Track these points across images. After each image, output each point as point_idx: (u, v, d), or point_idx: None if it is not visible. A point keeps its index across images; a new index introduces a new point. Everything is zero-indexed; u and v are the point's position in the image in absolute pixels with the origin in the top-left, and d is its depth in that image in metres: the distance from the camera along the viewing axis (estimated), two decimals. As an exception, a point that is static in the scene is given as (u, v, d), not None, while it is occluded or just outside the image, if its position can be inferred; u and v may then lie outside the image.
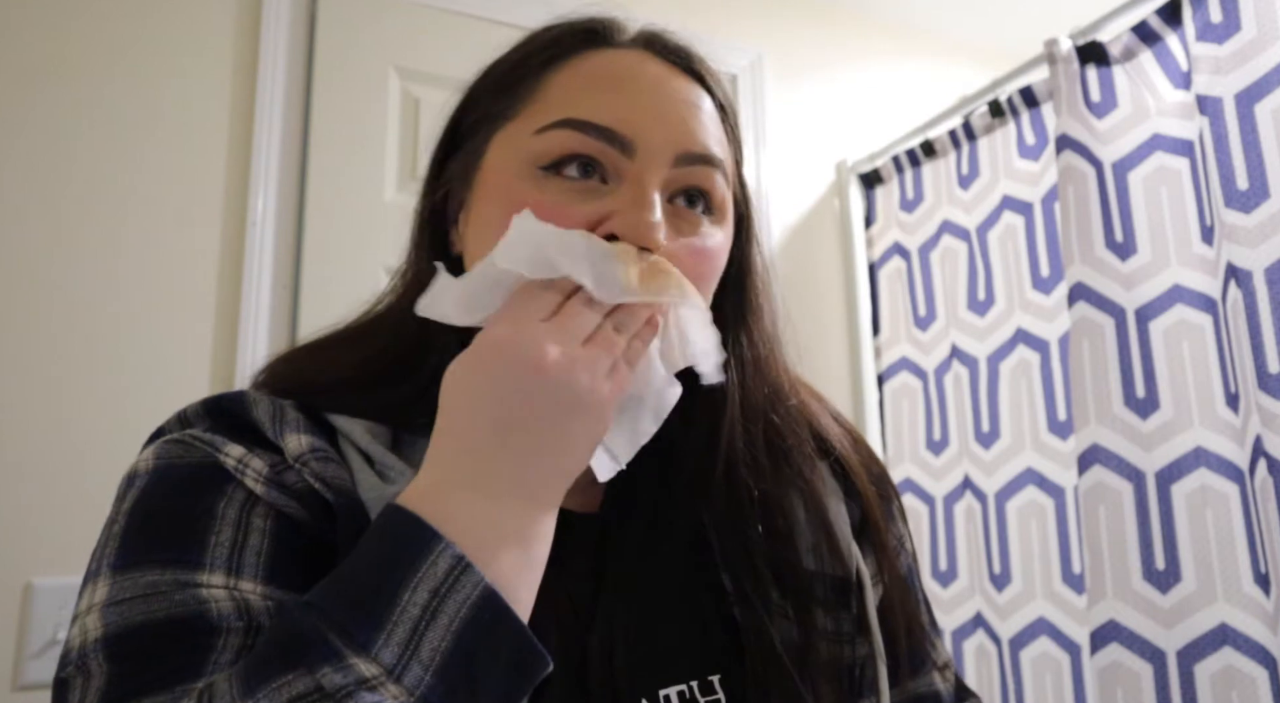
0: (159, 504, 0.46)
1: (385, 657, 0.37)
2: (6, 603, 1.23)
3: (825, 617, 0.54)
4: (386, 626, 0.38)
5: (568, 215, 0.49)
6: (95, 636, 0.41)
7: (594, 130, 0.51)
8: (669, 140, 0.52)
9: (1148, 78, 1.36)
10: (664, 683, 0.51)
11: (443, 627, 0.38)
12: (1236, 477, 1.20)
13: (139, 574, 0.43)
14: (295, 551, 0.45)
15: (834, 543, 0.56)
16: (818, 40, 2.10)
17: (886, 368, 1.89)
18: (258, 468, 0.46)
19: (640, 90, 0.53)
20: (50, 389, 1.30)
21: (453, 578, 0.39)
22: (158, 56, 1.46)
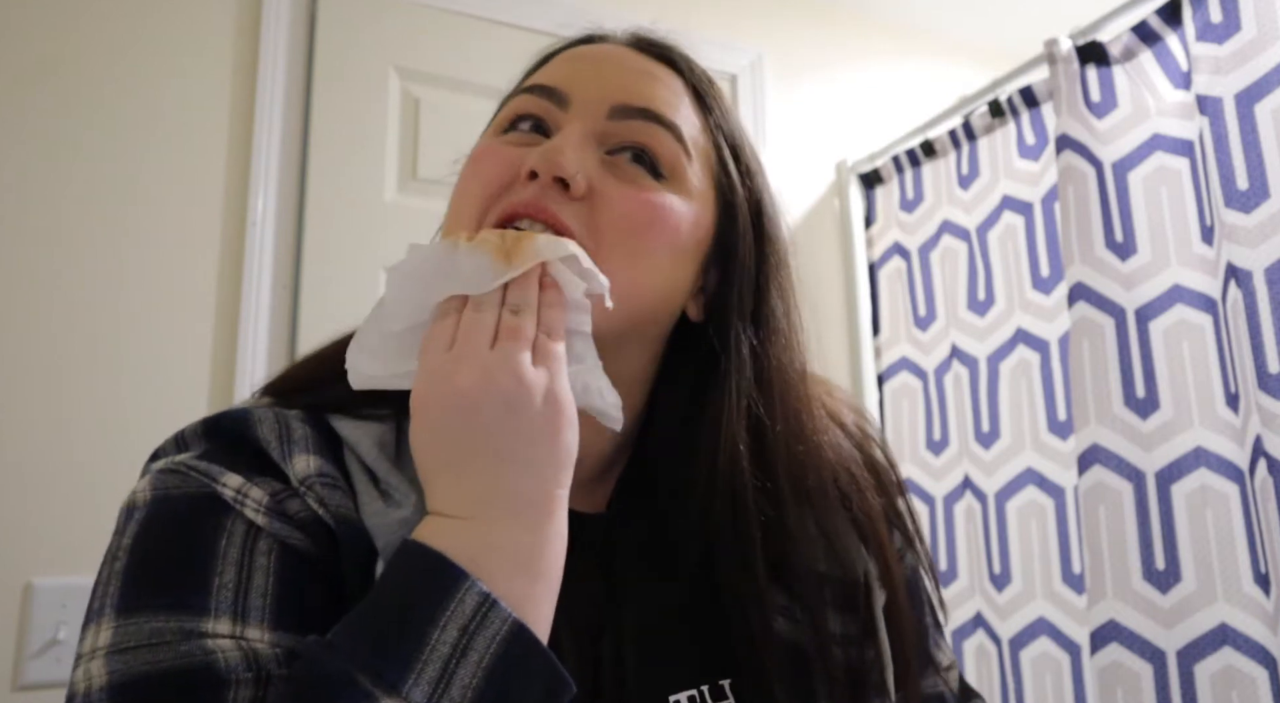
0: (158, 542, 0.44)
1: (416, 696, 0.37)
2: (6, 603, 1.23)
3: (835, 619, 0.54)
4: (416, 665, 0.37)
5: (499, 155, 0.52)
6: (100, 683, 0.40)
7: (538, 90, 0.54)
8: (603, 93, 0.53)
9: (1148, 78, 1.36)
10: (675, 688, 0.50)
11: (473, 664, 0.38)
12: (1236, 477, 1.20)
13: (143, 620, 0.41)
14: (301, 586, 0.44)
15: (841, 546, 0.55)
16: (818, 40, 2.10)
17: (886, 368, 1.89)
18: (257, 498, 0.45)
19: (591, 58, 0.56)
20: (50, 389, 1.30)
21: (480, 615, 0.39)
22: (158, 56, 1.46)
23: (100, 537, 0.49)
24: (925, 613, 0.64)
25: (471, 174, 0.53)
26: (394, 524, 0.45)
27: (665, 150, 0.53)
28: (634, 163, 0.52)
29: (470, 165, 0.54)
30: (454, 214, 0.54)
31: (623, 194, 0.51)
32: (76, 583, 1.24)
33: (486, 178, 0.52)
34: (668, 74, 0.56)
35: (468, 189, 0.53)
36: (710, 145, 0.56)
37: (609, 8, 1.84)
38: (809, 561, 0.54)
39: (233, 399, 1.38)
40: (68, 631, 1.23)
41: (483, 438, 0.42)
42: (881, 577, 0.58)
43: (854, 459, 0.61)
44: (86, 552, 1.24)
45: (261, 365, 1.41)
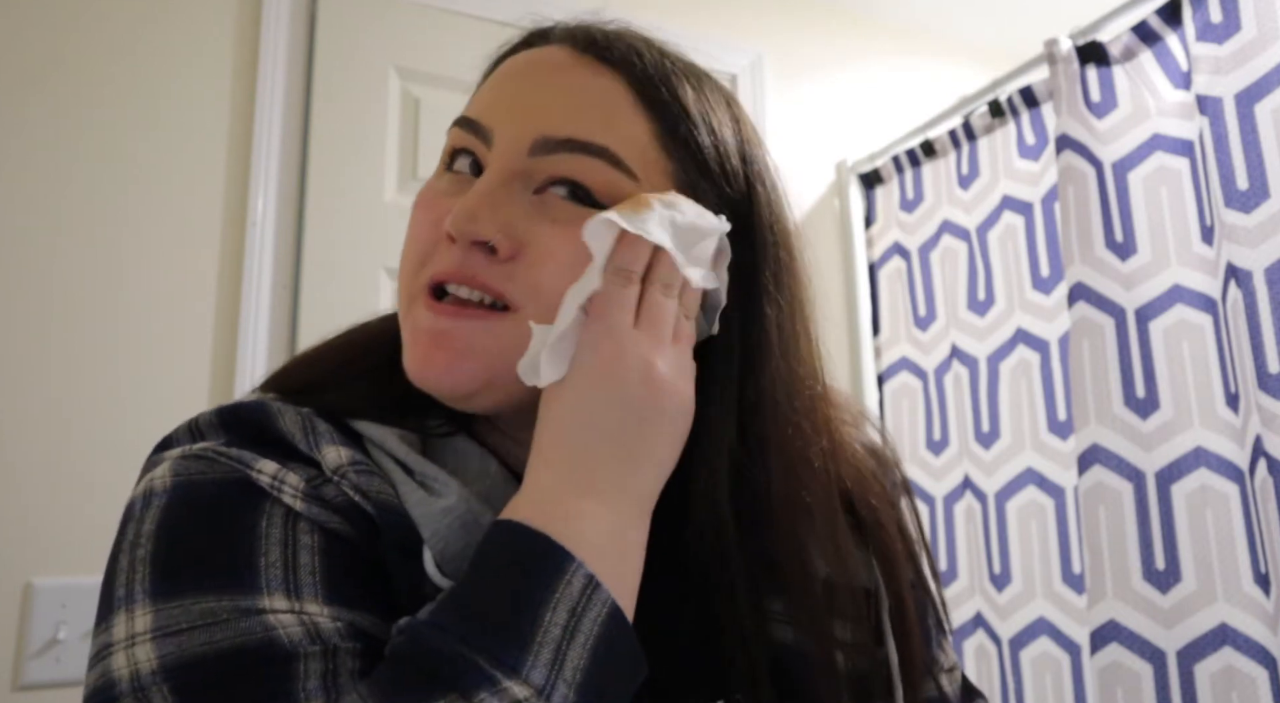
0: (190, 526, 0.42)
1: (535, 678, 0.37)
2: (6, 603, 1.23)
3: (841, 627, 0.53)
4: (533, 647, 0.38)
5: (433, 205, 0.50)
6: (150, 668, 0.38)
7: (465, 123, 0.51)
8: (523, 128, 0.48)
9: (1148, 78, 1.36)
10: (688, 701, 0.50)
11: (580, 645, 0.39)
12: (1236, 477, 1.20)
13: (189, 602, 0.39)
14: (349, 567, 0.44)
15: (845, 552, 0.54)
16: (818, 40, 2.10)
17: (886, 368, 1.89)
18: (294, 483, 0.44)
19: (518, 77, 0.51)
20: (50, 389, 1.30)
21: (586, 596, 0.40)
22: (158, 57, 1.46)
23: (100, 537, 0.48)
24: (927, 615, 0.63)
25: (411, 228, 0.51)
26: (438, 513, 0.45)
27: (597, 180, 0.47)
28: (569, 200, 0.48)
29: (414, 212, 0.51)
30: (403, 259, 0.51)
31: (558, 241, 0.47)
32: (76, 583, 1.24)
33: (419, 239, 0.50)
34: (605, 80, 0.50)
35: (406, 250, 0.51)
36: (662, 152, 0.50)
37: (609, 8, 1.84)
38: (813, 567, 0.53)
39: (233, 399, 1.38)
40: (68, 631, 1.23)
41: (648, 426, 0.45)
42: (887, 583, 0.58)
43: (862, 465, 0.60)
44: (86, 552, 1.24)
45: (261, 365, 1.41)
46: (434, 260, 0.48)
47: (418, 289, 0.49)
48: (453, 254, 0.47)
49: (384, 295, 1.50)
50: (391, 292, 1.49)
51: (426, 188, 0.52)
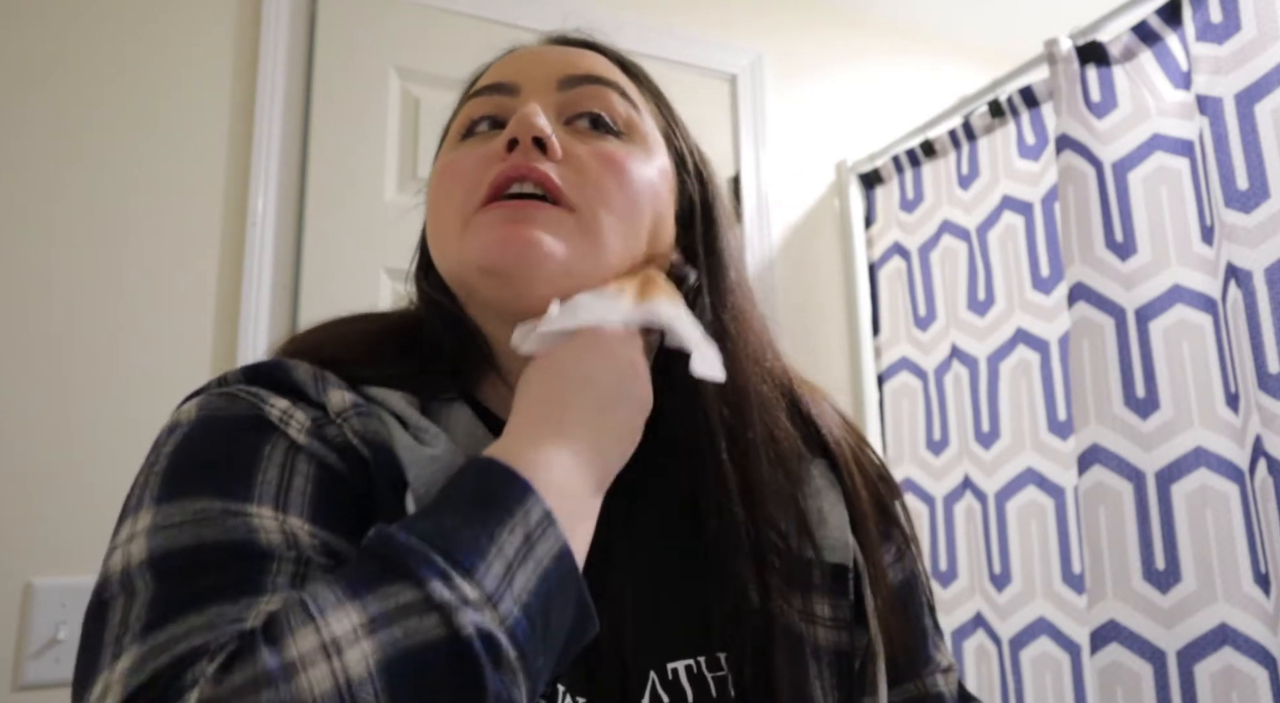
0: (203, 446, 0.46)
1: (487, 584, 0.39)
2: (6, 603, 1.23)
3: (822, 603, 0.55)
4: (488, 557, 0.40)
5: (468, 156, 0.54)
6: (140, 558, 0.41)
7: (487, 90, 0.57)
8: (549, 71, 0.57)
9: (1148, 78, 1.37)
10: (671, 658, 0.52)
11: (530, 569, 0.40)
12: (1236, 477, 1.20)
13: (187, 502, 0.43)
14: (337, 499, 0.47)
15: (829, 529, 0.56)
16: (818, 40, 2.10)
17: (886, 368, 1.89)
18: (300, 420, 0.47)
19: (526, 53, 0.60)
20: (50, 389, 1.30)
21: (542, 529, 0.42)
22: (158, 56, 1.46)
23: (100, 537, 0.49)
24: (925, 614, 0.64)
25: (449, 180, 0.55)
26: (426, 459, 0.48)
27: (618, 108, 0.57)
28: (593, 127, 0.56)
29: (441, 176, 0.56)
30: (438, 219, 0.56)
31: (593, 154, 0.54)
32: (76, 583, 1.24)
33: (466, 175, 0.54)
34: (595, 54, 0.61)
35: (449, 193, 0.55)
36: (651, 103, 0.61)
37: (607, 8, 1.84)
38: (796, 545, 0.55)
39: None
40: (68, 631, 1.23)
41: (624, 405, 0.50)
42: (870, 564, 0.59)
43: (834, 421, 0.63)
44: (86, 552, 1.24)
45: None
46: (485, 181, 0.53)
47: (471, 208, 0.53)
48: (514, 156, 0.53)
49: (384, 295, 1.50)
50: (392, 291, 1.49)
51: (448, 158, 0.56)
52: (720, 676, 0.52)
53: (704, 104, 1.92)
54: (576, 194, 0.52)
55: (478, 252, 0.51)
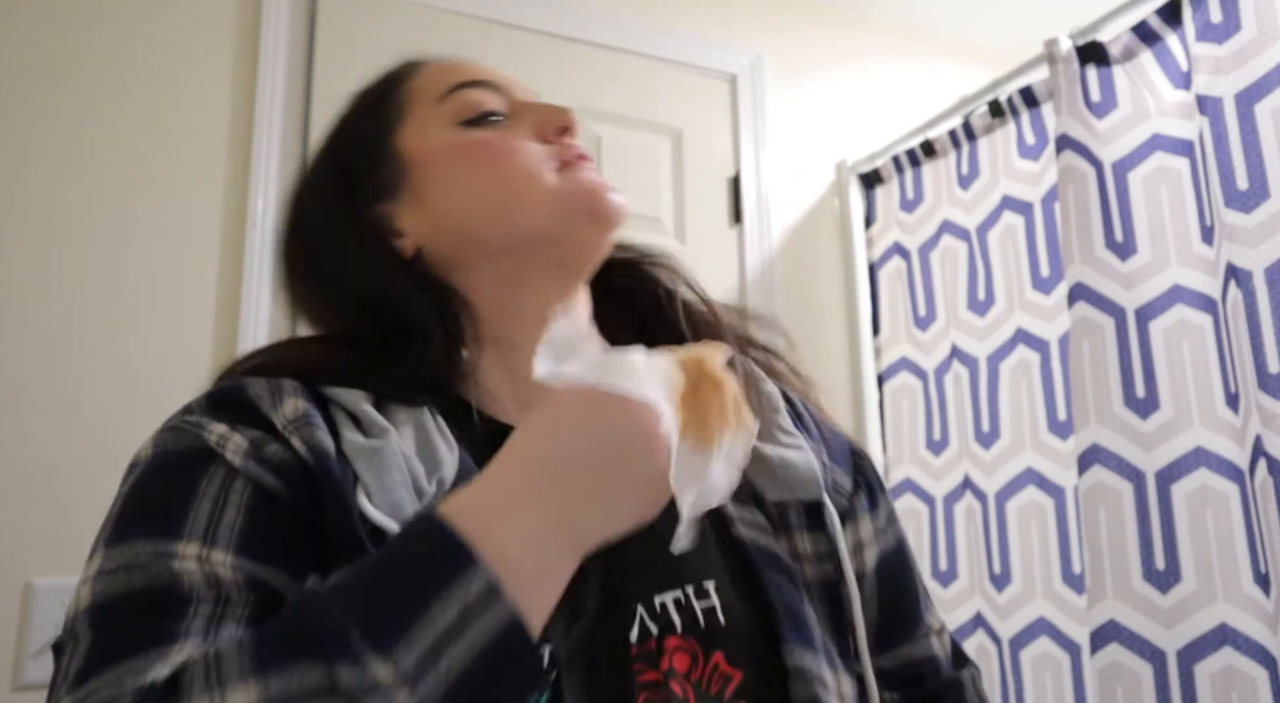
0: (150, 485, 0.49)
1: (405, 664, 0.37)
2: (6, 603, 1.23)
3: (803, 540, 0.58)
4: (412, 632, 0.38)
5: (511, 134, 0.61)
6: (84, 605, 0.44)
7: (479, 83, 0.64)
8: (512, 79, 0.66)
9: (1148, 78, 1.37)
10: (659, 589, 0.53)
11: (465, 645, 0.38)
12: (1236, 477, 1.20)
13: (125, 546, 0.46)
14: (273, 523, 0.47)
15: (797, 472, 0.59)
16: (818, 40, 2.10)
17: (886, 368, 1.89)
18: (238, 443, 0.49)
19: (477, 64, 0.67)
20: (50, 389, 1.30)
21: (483, 602, 0.39)
22: (158, 56, 1.46)
23: (100, 537, 0.50)
24: (915, 579, 0.66)
25: (504, 152, 0.61)
26: (370, 450, 0.49)
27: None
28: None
29: (490, 148, 0.61)
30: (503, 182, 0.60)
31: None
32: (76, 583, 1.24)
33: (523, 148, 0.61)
34: None
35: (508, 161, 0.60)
36: None
37: (607, 7, 1.84)
38: (773, 489, 0.58)
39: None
40: (68, 630, 1.23)
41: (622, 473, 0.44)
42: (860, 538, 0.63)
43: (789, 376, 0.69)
44: (86, 552, 1.24)
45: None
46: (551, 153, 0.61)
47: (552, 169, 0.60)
48: (571, 143, 0.62)
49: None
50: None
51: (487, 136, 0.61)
52: (708, 606, 0.53)
53: (704, 104, 1.92)
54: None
55: (587, 199, 0.59)
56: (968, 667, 0.66)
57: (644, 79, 1.86)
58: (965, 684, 0.64)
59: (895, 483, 1.82)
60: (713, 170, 1.90)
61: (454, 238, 0.60)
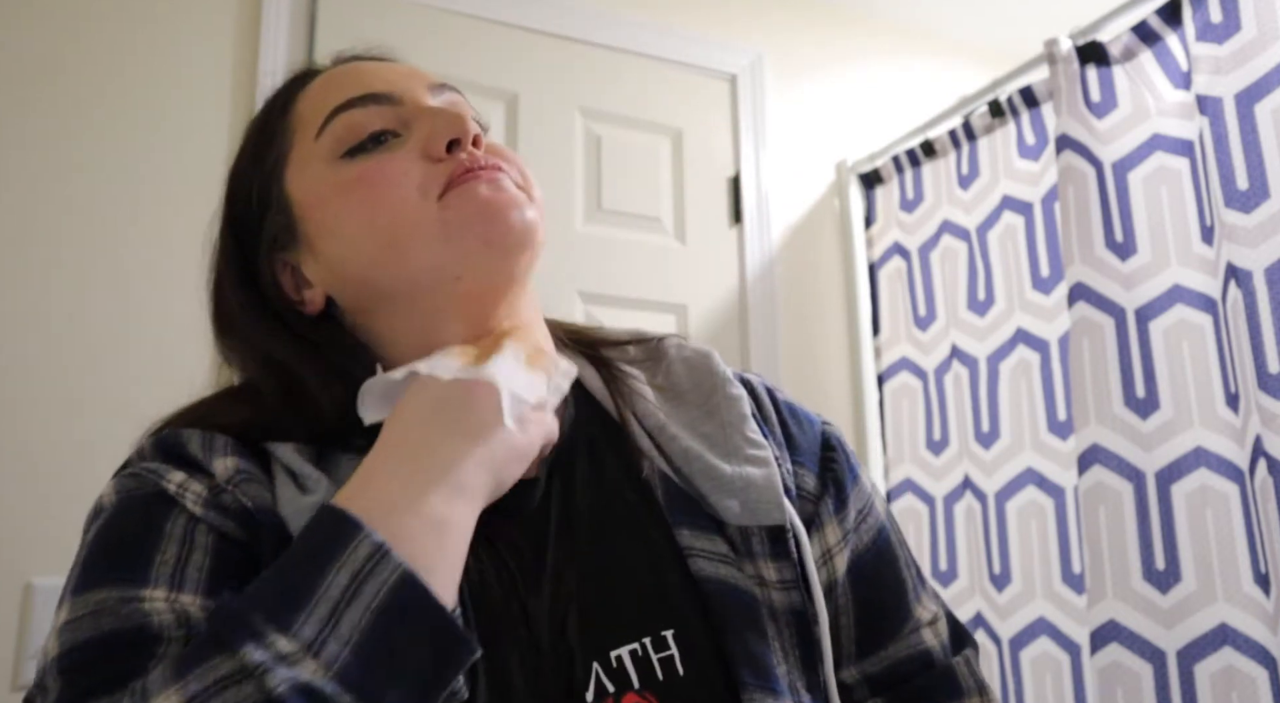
0: (114, 531, 0.49)
1: (305, 633, 0.39)
2: (6, 603, 1.23)
3: (768, 567, 0.55)
4: (308, 605, 0.40)
5: (401, 160, 0.54)
6: (52, 655, 0.44)
7: (360, 100, 0.56)
8: (414, 81, 0.58)
9: (1148, 78, 1.37)
10: (616, 643, 0.51)
11: (361, 606, 0.41)
12: (1236, 477, 1.20)
13: (91, 594, 0.45)
14: (235, 566, 0.48)
15: (759, 495, 0.56)
16: (818, 40, 2.10)
17: (886, 368, 1.89)
18: (197, 491, 0.50)
19: (366, 69, 0.60)
20: (51, 389, 1.30)
21: (372, 562, 0.42)
22: (158, 56, 1.46)
23: (100, 537, 0.50)
24: (901, 568, 0.62)
25: (383, 185, 0.53)
26: (306, 508, 0.49)
27: (474, 112, 0.59)
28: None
29: (366, 183, 0.54)
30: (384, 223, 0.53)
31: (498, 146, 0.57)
32: (76, 583, 1.24)
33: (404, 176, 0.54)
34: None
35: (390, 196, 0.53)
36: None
37: (607, 7, 1.84)
38: (734, 515, 0.55)
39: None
40: (68, 631, 1.23)
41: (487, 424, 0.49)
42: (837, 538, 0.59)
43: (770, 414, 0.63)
44: (86, 552, 1.24)
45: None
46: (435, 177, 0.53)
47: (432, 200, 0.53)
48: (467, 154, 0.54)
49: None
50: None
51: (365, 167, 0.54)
52: (666, 656, 0.51)
53: (704, 104, 1.92)
54: (520, 180, 0.56)
55: (474, 224, 0.52)
56: (964, 650, 0.62)
57: (644, 79, 1.86)
58: (958, 671, 0.60)
59: (895, 483, 1.82)
60: (713, 170, 1.90)
61: (355, 287, 0.56)
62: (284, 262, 0.59)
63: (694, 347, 0.65)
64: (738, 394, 0.60)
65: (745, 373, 0.65)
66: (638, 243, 1.77)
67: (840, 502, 0.60)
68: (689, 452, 0.57)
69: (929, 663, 0.60)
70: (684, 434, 0.58)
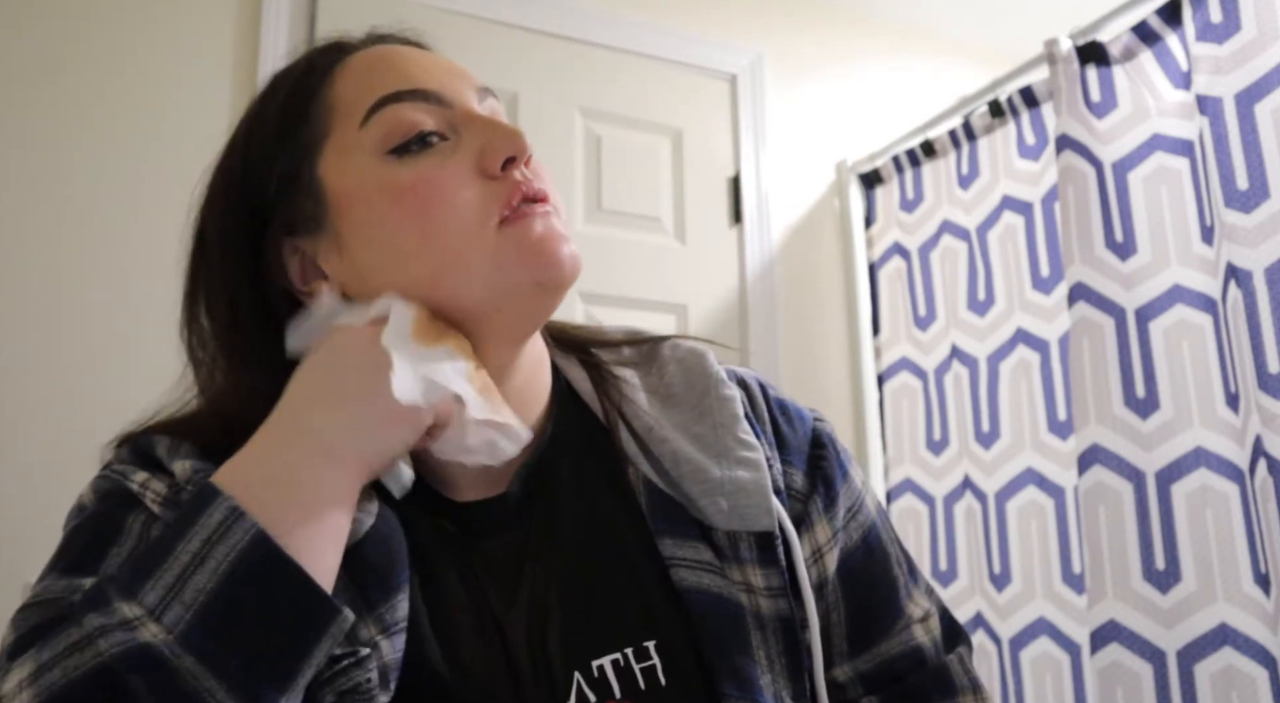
0: (81, 528, 0.52)
1: (149, 599, 0.40)
2: (6, 603, 1.22)
3: (755, 574, 0.54)
4: (156, 572, 0.41)
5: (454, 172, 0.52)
6: (7, 645, 0.46)
7: (409, 94, 0.54)
8: (461, 82, 0.56)
9: (1148, 78, 1.37)
10: (596, 654, 0.51)
11: (209, 571, 0.41)
12: (1236, 477, 1.20)
13: (47, 584, 0.48)
14: None
15: (748, 500, 0.55)
16: (818, 40, 2.10)
17: (886, 368, 1.89)
18: (157, 489, 0.52)
19: (410, 58, 0.58)
20: (51, 390, 1.30)
21: (224, 527, 0.42)
22: (158, 57, 1.46)
23: (100, 537, 0.51)
24: (892, 566, 0.61)
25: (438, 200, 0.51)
26: None
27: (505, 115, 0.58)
28: None
29: (421, 193, 0.51)
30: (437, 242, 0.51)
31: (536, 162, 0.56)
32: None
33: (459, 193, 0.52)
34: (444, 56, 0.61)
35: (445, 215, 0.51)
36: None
37: (607, 8, 1.84)
38: (723, 519, 0.54)
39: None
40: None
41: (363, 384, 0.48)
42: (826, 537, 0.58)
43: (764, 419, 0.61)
44: (86, 552, 1.24)
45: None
46: (494, 198, 0.52)
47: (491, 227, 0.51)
48: (520, 179, 0.52)
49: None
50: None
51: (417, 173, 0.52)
52: (648, 665, 0.51)
53: (704, 104, 1.92)
54: (557, 203, 0.54)
55: (534, 262, 0.51)
56: (957, 648, 0.61)
57: (644, 79, 1.86)
58: (951, 669, 0.59)
59: (895, 483, 1.82)
60: (713, 170, 1.90)
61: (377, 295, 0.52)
62: (295, 246, 0.56)
63: (689, 346, 0.63)
64: (730, 395, 0.59)
65: (740, 369, 0.64)
66: (638, 243, 1.77)
67: (829, 500, 0.59)
68: (678, 454, 0.56)
69: (921, 660, 0.59)
70: (675, 436, 0.57)
